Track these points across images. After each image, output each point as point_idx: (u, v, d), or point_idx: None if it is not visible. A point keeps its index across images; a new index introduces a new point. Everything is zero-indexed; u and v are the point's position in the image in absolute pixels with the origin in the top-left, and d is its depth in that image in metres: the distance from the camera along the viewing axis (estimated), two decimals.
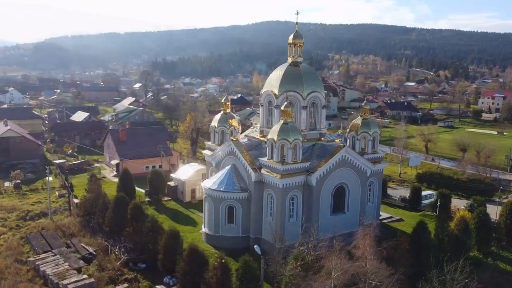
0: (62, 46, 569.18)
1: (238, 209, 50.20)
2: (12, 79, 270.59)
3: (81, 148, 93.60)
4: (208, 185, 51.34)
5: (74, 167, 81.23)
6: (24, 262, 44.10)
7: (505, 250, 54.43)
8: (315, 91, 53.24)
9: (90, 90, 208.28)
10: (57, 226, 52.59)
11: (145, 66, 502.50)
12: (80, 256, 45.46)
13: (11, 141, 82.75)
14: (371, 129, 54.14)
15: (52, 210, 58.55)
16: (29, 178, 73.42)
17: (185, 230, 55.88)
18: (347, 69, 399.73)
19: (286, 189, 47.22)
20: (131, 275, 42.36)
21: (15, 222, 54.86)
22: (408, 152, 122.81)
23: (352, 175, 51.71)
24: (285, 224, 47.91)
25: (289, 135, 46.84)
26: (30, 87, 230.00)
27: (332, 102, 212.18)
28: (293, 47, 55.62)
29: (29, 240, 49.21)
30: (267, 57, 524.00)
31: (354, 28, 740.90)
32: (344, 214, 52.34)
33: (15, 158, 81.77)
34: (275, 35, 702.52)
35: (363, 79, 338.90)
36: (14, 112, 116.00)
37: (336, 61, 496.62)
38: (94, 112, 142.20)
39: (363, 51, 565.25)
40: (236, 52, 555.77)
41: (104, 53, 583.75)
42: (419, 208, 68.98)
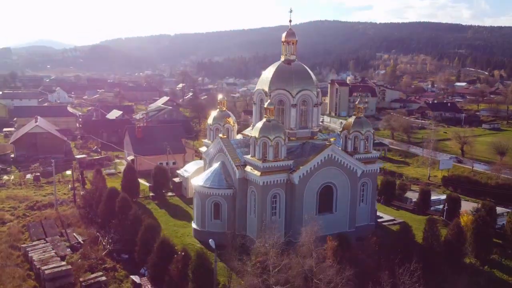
0: (115, 48, 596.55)
1: (223, 205, 50.89)
2: (65, 80, 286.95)
3: (105, 145, 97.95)
4: (196, 181, 52.48)
5: (94, 162, 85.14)
6: (18, 248, 47.21)
7: (508, 258, 51.38)
8: (305, 89, 52.74)
9: (131, 90, 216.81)
10: (58, 217, 55.80)
11: (192, 67, 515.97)
12: (69, 244, 48.00)
13: (38, 136, 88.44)
14: (364, 128, 52.90)
15: (60, 201, 62.05)
16: (49, 171, 77.90)
17: (179, 225, 57.50)
18: (393, 68, 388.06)
19: (267, 186, 47.29)
20: (111, 265, 44.20)
21: (23, 211, 58.79)
22: (440, 155, 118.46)
23: (341, 175, 50.80)
24: (266, 222, 47.91)
25: (270, 133, 46.89)
26: (78, 87, 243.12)
27: (370, 103, 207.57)
28: (286, 45, 55.38)
29: (29, 228, 52.64)
30: (313, 57, 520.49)
31: (405, 26, 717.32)
32: (332, 214, 51.53)
33: (41, 152, 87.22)
34: (322, 34, 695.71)
35: (409, 79, 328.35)
36: (51, 110, 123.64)
37: (384, 61, 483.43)
38: (129, 110, 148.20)
39: (414, 50, 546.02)
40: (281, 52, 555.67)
41: (154, 55, 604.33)
42: (427, 212, 66.37)
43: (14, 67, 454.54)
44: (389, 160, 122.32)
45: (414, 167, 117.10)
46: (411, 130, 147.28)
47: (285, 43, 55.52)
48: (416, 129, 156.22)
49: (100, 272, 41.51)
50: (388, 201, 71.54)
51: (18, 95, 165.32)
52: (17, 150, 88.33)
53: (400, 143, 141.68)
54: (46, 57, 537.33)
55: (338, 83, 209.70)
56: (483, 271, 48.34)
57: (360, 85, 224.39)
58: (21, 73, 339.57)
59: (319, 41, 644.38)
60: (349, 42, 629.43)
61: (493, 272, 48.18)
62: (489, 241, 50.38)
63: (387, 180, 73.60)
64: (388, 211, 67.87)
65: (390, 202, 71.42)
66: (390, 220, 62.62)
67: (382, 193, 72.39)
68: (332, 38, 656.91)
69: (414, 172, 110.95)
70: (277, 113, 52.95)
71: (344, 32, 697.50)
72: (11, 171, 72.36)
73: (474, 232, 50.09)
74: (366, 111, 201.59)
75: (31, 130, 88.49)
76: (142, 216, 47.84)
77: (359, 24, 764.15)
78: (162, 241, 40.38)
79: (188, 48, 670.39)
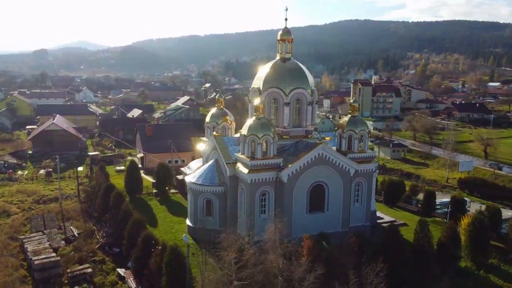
0: (146, 49, 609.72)
1: (215, 202, 51.36)
2: (94, 80, 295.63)
3: (120, 142, 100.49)
4: (189, 178, 53.22)
5: (106, 159, 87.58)
6: (16, 239, 49.30)
7: (508, 263, 49.54)
8: (299, 88, 52.43)
9: (155, 90, 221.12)
10: (60, 210, 57.79)
11: (220, 67, 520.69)
12: (64, 237, 49.71)
13: (54, 133, 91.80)
14: (358, 127, 52.12)
15: (65, 196, 64.26)
16: (61, 167, 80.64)
17: (175, 221, 58.40)
18: (423, 68, 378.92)
19: (256, 184, 47.38)
20: (101, 258, 45.49)
21: (29, 204, 61.27)
22: (461, 157, 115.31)
23: (333, 174, 50.28)
24: (255, 220, 48.14)
25: (258, 131, 47.00)
26: (106, 87, 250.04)
27: (395, 103, 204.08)
28: (281, 43, 55.30)
29: (31, 220, 54.81)
30: (342, 57, 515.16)
31: (438, 25, 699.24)
32: (324, 213, 51.09)
33: (57, 149, 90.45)
34: (352, 34, 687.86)
35: (439, 79, 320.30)
36: (72, 109, 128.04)
37: (415, 61, 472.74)
38: (150, 110, 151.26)
39: (447, 49, 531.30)
40: (310, 52, 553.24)
41: (184, 55, 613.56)
42: (431, 214, 64.77)
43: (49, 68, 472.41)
44: (408, 162, 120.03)
45: (433, 169, 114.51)
46: (434, 131, 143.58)
47: (280, 41, 55.28)
48: (440, 130, 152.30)
49: (88, 264, 42.86)
50: (392, 202, 70.32)
51: (45, 94, 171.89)
52: (34, 147, 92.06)
53: (422, 145, 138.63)
54: (79, 58, 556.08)
55: (361, 83, 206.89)
56: (478, 275, 46.82)
57: (384, 85, 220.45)
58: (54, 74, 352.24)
59: (349, 40, 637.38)
60: (379, 42, 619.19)
61: (488, 276, 46.54)
62: (486, 244, 48.69)
63: (391, 181, 72.22)
64: (392, 213, 66.68)
65: (395, 203, 70.16)
66: (390, 222, 61.36)
67: (387, 194, 71.39)
68: (362, 37, 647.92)
69: (432, 174, 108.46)
70: (271, 111, 53.08)
71: (375, 32, 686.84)
72: (26, 167, 75.46)
73: (470, 235, 48.64)
74: (390, 111, 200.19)
75: (47, 128, 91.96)
76: (132, 211, 48.84)
77: (390, 23, 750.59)
78: (146, 236, 41.25)
79: (218, 49, 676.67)
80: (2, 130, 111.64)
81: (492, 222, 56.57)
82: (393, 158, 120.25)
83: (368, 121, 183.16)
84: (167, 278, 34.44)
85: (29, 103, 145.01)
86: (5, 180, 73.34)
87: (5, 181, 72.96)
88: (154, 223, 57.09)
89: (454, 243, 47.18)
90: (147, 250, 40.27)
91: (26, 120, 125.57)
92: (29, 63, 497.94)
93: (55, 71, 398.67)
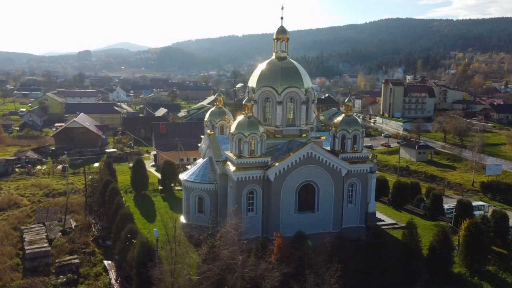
0: (185, 49, 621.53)
1: (206, 199, 52.09)
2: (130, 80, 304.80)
3: (139, 140, 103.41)
4: (183, 175, 54.23)
5: (123, 156, 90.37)
6: (19, 230, 52.03)
7: (507, 271, 47.26)
8: (292, 87, 52.16)
9: (185, 89, 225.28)
10: (65, 204, 60.38)
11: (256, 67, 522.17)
12: (62, 229, 51.95)
13: (75, 131, 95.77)
14: (351, 127, 51.30)
15: (74, 190, 67.01)
16: (77, 163, 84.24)
17: (174, 217, 59.39)
18: (465, 68, 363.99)
19: (243, 182, 47.68)
20: (91, 250, 47.25)
21: (39, 197, 64.40)
22: (489, 159, 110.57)
23: (323, 174, 49.77)
24: (242, 217, 48.36)
25: (245, 129, 47.30)
26: (140, 86, 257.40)
27: (428, 103, 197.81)
28: (277, 42, 55.24)
29: (36, 212, 57.62)
30: (381, 56, 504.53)
31: (485, 23, 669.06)
32: (314, 213, 50.65)
33: (78, 146, 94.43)
34: (393, 33, 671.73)
35: (481, 79, 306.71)
36: (98, 107, 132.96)
37: (457, 60, 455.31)
38: (176, 108, 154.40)
39: (493, 48, 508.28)
40: (348, 51, 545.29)
41: (222, 55, 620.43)
42: (438, 218, 62.66)
43: (92, 68, 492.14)
44: (434, 164, 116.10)
45: (460, 172, 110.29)
46: (467, 133, 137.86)
47: (276, 40, 55.25)
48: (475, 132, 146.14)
49: (75, 256, 44.60)
50: (400, 204, 68.54)
51: (77, 93, 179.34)
52: (56, 143, 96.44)
53: (452, 147, 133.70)
54: (120, 59, 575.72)
55: (392, 82, 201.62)
56: (470, 282, 44.99)
57: (417, 85, 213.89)
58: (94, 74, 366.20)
59: (389, 39, 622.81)
60: (420, 41, 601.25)
61: (481, 284, 44.62)
62: (482, 250, 46.64)
63: (399, 182, 70.32)
64: (397, 215, 65.09)
65: (402, 205, 68.34)
66: (391, 224, 60.09)
67: (394, 196, 69.66)
68: (402, 36, 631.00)
69: (458, 177, 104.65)
70: (266, 110, 53.20)
71: (416, 30, 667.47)
72: (46, 162, 79.25)
73: (465, 240, 46.80)
74: (423, 112, 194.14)
75: (69, 125, 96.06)
76: (124, 206, 50.33)
77: (433, 21, 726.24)
78: (129, 229, 42.43)
79: (255, 49, 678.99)
80: (33, 128, 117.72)
81: (498, 227, 54.26)
82: (418, 160, 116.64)
83: (398, 122, 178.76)
84: (136, 270, 35.41)
85: (60, 102, 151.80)
86: (24, 174, 77.47)
87: (23, 175, 77.06)
88: (152, 219, 58.68)
89: (446, 247, 45.52)
90: (129, 244, 41.40)
91: (57, 118, 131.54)
92: (73, 64, 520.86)
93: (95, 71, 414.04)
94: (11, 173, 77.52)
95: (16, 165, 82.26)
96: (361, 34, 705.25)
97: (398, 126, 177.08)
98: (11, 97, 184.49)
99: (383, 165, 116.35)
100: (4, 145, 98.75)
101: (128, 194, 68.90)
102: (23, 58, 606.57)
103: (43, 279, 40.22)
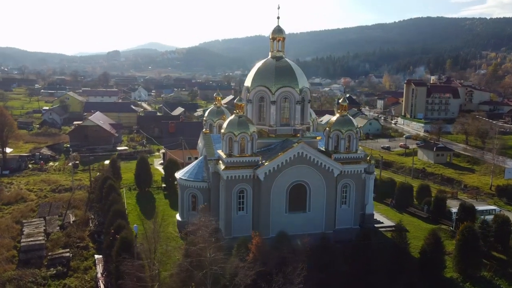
0: (211, 49, 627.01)
1: (199, 197, 52.63)
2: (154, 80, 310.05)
3: (150, 138, 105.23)
4: (178, 173, 54.99)
5: (133, 154, 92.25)
6: (20, 223, 54.01)
7: (504, 278, 45.81)
8: (286, 86, 52.00)
9: (206, 89, 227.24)
10: (68, 199, 62.25)
11: None
12: (60, 223, 53.60)
13: (89, 129, 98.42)
14: (344, 127, 50.77)
15: (80, 186, 68.98)
16: (89, 160, 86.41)
17: (171, 214, 60.41)
18: (495, 68, 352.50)
19: (232, 181, 47.94)
20: (84, 244, 48.59)
21: (45, 192, 66.58)
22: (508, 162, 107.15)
23: (314, 174, 49.46)
24: (231, 216, 48.75)
25: (235, 128, 47.58)
26: (163, 86, 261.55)
27: (452, 104, 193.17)
28: (273, 41, 55.23)
29: (40, 207, 59.63)
30: (408, 56, 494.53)
31: None
32: (306, 213, 50.38)
33: (92, 143, 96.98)
34: (423, 32, 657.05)
35: None
36: (116, 106, 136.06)
37: (489, 60, 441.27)
38: (193, 108, 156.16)
39: None
40: (375, 51, 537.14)
41: (248, 55, 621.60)
42: (440, 221, 61.21)
43: (120, 68, 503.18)
44: (453, 166, 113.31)
45: (479, 175, 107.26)
46: (490, 135, 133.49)
47: (272, 39, 55.23)
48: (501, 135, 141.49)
49: (67, 249, 45.96)
50: (403, 207, 67.35)
51: (99, 92, 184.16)
52: (71, 140, 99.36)
53: (474, 149, 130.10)
54: (148, 59, 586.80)
55: (414, 83, 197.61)
56: (462, 287, 43.78)
57: (441, 86, 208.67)
58: (121, 73, 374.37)
59: (418, 39, 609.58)
60: (451, 40, 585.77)
61: None
62: (476, 255, 45.31)
63: (402, 185, 68.97)
64: (399, 218, 63.86)
65: (406, 208, 67.12)
66: (389, 226, 58.92)
67: (397, 199, 68.51)
68: (432, 35, 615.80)
69: (476, 180, 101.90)
70: (261, 110, 53.33)
71: (447, 29, 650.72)
72: (59, 159, 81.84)
73: (458, 244, 45.66)
74: (447, 113, 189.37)
75: (83, 123, 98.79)
76: (118, 202, 51.42)
77: (465, 20, 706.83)
78: (118, 225, 43.41)
79: None
80: (52, 126, 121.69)
81: (500, 232, 52.57)
82: (436, 162, 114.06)
83: (419, 123, 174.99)
84: (115, 265, 36.25)
85: (80, 100, 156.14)
86: (35, 170, 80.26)
87: (35, 171, 79.85)
88: (150, 215, 59.50)
89: (437, 251, 44.49)
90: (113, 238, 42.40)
91: (76, 117, 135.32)
92: (102, 64, 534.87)
93: (122, 71, 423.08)
94: (24, 169, 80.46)
95: (30, 162, 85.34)
96: (389, 33, 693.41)
97: (419, 127, 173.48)
98: (38, 96, 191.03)
99: (398, 166, 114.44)
100: (23, 141, 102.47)
101: (132, 191, 70.45)
102: (55, 58, 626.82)
103: (34, 271, 41.65)
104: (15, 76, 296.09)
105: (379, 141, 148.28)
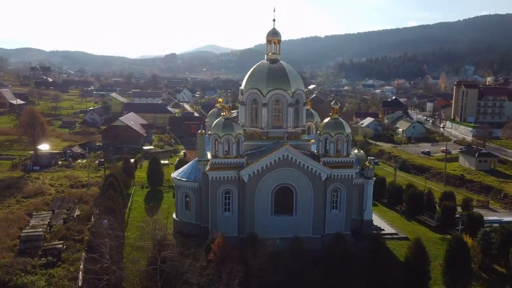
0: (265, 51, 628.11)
1: (192, 197, 53.92)
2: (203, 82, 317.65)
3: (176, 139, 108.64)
4: (174, 173, 56.65)
5: (159, 153, 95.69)
6: (30, 215, 58.17)
7: None
8: (278, 89, 51.99)
9: None
10: (80, 195, 65.99)
11: (334, 68, 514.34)
12: (65, 217, 57.07)
13: (120, 128, 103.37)
14: (334, 131, 49.76)
15: (97, 183, 72.83)
16: (115, 158, 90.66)
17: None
18: None
19: (217, 182, 48.76)
20: (81, 237, 51.42)
21: (63, 188, 71.01)
22: None
23: (301, 177, 49.07)
24: (217, 216, 49.49)
25: (220, 130, 48.30)
26: (209, 88, 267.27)
27: (507, 108, 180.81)
28: (269, 44, 55.38)
29: (53, 201, 63.78)
30: (472, 57, 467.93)
31: None
32: (292, 217, 50.05)
33: (121, 142, 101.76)
34: (488, 31, 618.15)
35: None
36: (152, 107, 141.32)
37: None
38: None
39: None
40: (435, 51, 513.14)
41: (302, 56, 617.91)
42: (448, 230, 58.14)
43: (176, 70, 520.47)
44: (496, 174, 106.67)
45: None
46: None
47: (268, 42, 55.38)
48: None
49: (61, 241, 48.90)
50: (413, 214, 64.72)
51: (144, 94, 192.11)
52: (103, 139, 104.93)
53: None
54: (203, 61, 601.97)
55: (465, 84, 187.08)
56: None
57: (494, 88, 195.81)
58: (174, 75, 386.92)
59: (484, 38, 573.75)
60: None
61: None
62: (465, 267, 42.73)
63: (412, 191, 66.05)
64: (406, 226, 61.72)
65: (415, 215, 64.43)
66: (390, 234, 57.00)
67: (407, 205, 65.91)
68: (500, 34, 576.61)
69: None
70: (252, 111, 53.70)
71: None
72: (88, 156, 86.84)
73: (446, 255, 43.31)
74: (501, 117, 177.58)
75: (113, 123, 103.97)
76: (114, 199, 53.95)
77: None
78: (96, 220, 45.68)
79: (337, 50, 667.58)
80: (92, 125, 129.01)
81: (503, 245, 49.12)
82: (478, 169, 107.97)
83: (468, 127, 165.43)
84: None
85: (121, 101, 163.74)
86: (63, 167, 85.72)
87: (63, 168, 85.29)
88: (152, 213, 61.85)
89: (421, 261, 42.42)
90: None
91: (116, 117, 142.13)
92: (160, 66, 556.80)
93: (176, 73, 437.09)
94: (54, 165, 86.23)
95: (60, 159, 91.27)
96: (452, 32, 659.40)
97: (467, 131, 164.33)
98: (91, 97, 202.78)
99: (436, 172, 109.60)
100: (61, 139, 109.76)
101: (144, 189, 73.38)
102: (118, 61, 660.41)
103: (26, 260, 44.70)
104: (74, 78, 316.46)
105: (420, 146, 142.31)
